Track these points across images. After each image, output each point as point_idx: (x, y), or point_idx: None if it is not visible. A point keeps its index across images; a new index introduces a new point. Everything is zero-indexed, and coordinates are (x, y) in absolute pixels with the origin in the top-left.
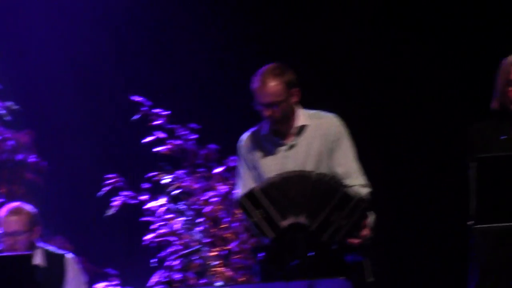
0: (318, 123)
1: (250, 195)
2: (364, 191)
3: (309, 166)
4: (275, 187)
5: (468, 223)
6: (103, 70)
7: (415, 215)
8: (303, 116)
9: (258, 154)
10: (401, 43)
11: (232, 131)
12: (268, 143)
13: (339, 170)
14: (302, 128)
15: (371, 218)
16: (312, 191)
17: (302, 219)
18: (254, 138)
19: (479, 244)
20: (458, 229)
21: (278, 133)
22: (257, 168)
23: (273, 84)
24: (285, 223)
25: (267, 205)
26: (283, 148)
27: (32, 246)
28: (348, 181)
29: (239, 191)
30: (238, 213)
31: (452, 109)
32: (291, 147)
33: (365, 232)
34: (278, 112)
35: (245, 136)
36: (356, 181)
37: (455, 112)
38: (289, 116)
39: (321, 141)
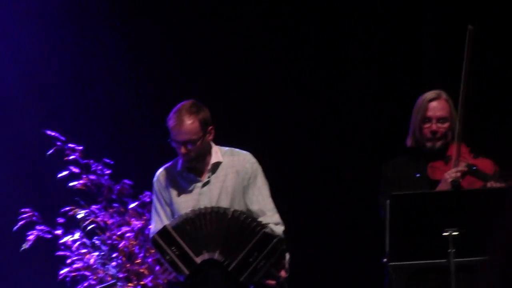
0: (232, 160)
1: (163, 232)
2: (279, 229)
3: (223, 203)
4: (189, 223)
5: (382, 260)
6: (17, 103)
7: (330, 253)
8: (217, 153)
9: (172, 191)
10: (310, 85)
11: (146, 166)
12: (183, 180)
13: (254, 207)
14: (216, 165)
15: (287, 258)
16: (228, 228)
17: (216, 256)
18: (169, 174)
19: (393, 281)
20: (374, 266)
21: (193, 170)
22: (172, 204)
23: (189, 123)
24: (199, 259)
25: (180, 242)
26: (198, 185)
27: None
28: (262, 219)
29: (154, 227)
30: (153, 249)
31: (366, 147)
32: (206, 184)
33: (283, 273)
34: (194, 150)
35: (160, 172)
36: (271, 219)
37: (370, 150)
38: (204, 154)
39: (235, 179)
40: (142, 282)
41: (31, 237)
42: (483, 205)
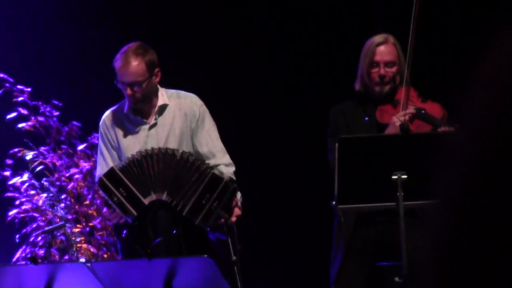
0: (179, 102)
1: (110, 174)
2: (229, 170)
3: (171, 145)
4: (136, 164)
5: (331, 203)
6: None
7: (279, 193)
8: (163, 96)
9: (119, 134)
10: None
11: (95, 108)
12: (129, 123)
13: (203, 149)
14: (163, 108)
15: (238, 197)
16: (176, 169)
17: (164, 197)
18: (115, 117)
19: (341, 223)
20: (322, 209)
21: (139, 112)
22: (119, 148)
23: (135, 64)
24: (147, 200)
25: (128, 183)
26: (145, 127)
27: None
28: (212, 161)
29: (100, 171)
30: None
31: (315, 90)
32: (153, 126)
33: (237, 212)
34: (140, 91)
35: (106, 115)
36: (221, 161)
37: (318, 93)
38: (151, 96)
39: (182, 121)
40: (90, 224)
41: None
42: (431, 149)
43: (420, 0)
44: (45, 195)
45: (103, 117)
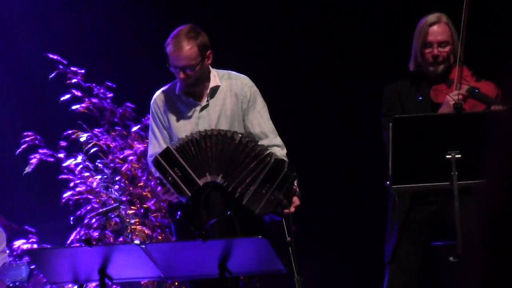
0: (230, 83)
1: (165, 153)
2: (283, 152)
3: (222, 127)
4: (194, 144)
5: (385, 183)
6: (18, 28)
7: (333, 173)
8: (215, 77)
9: (171, 115)
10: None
11: (149, 89)
12: (181, 104)
13: (255, 130)
14: (215, 89)
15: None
16: (234, 152)
17: (219, 179)
18: (167, 97)
19: (396, 203)
20: (377, 189)
21: (191, 94)
22: (170, 128)
23: (187, 48)
24: (201, 181)
25: (183, 163)
26: (196, 109)
27: None
28: (265, 141)
29: (151, 151)
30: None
31: (369, 69)
32: (204, 107)
33: (295, 201)
34: (192, 75)
35: (157, 95)
36: (273, 142)
37: (373, 73)
38: (203, 78)
39: (234, 102)
40: (145, 205)
41: (33, 161)
42: (485, 128)
43: None
44: (99, 177)
45: (154, 96)
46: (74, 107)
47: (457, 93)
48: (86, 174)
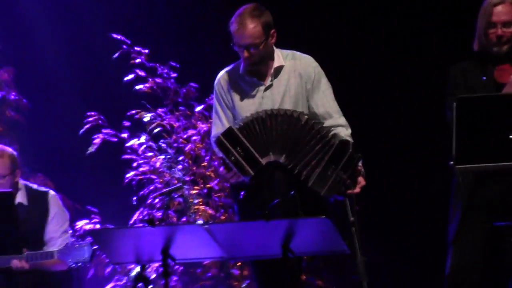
0: (294, 63)
1: (228, 133)
2: (347, 132)
3: (286, 107)
4: (260, 123)
5: (449, 163)
6: (83, 9)
7: (396, 153)
8: (279, 57)
9: (234, 94)
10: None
11: (212, 69)
12: (245, 84)
13: (320, 110)
14: (279, 69)
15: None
16: (299, 133)
17: (282, 159)
18: (231, 77)
19: (460, 183)
20: (441, 169)
21: (255, 73)
22: (234, 108)
23: (251, 26)
24: (264, 160)
25: (246, 143)
26: (261, 88)
27: (15, 187)
28: (330, 121)
29: (215, 131)
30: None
31: (433, 50)
32: (268, 87)
33: (361, 181)
34: (256, 53)
35: (221, 75)
36: (338, 121)
37: (437, 53)
38: (267, 58)
39: (298, 82)
40: (208, 185)
41: (97, 141)
42: None
43: None
44: (162, 157)
45: (218, 77)
46: (137, 87)
47: None
48: (150, 154)
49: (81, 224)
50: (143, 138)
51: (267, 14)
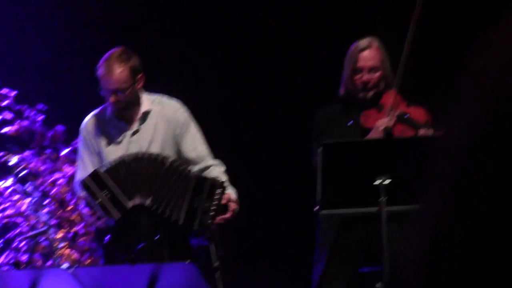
0: (162, 108)
1: (94, 175)
2: (221, 169)
3: (153, 152)
4: (126, 166)
5: (314, 208)
6: None
7: (262, 200)
8: (147, 102)
9: (101, 139)
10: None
11: (80, 112)
12: (112, 128)
13: (191, 155)
14: (146, 114)
15: (233, 192)
16: (164, 175)
17: (148, 201)
18: (98, 122)
19: (325, 229)
20: (306, 214)
21: (122, 118)
22: (100, 153)
23: (119, 71)
24: (130, 203)
25: (112, 185)
26: (127, 133)
27: None
28: (201, 165)
29: (80, 175)
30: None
31: (298, 95)
32: (135, 132)
33: (232, 206)
34: (123, 98)
35: (88, 119)
36: (209, 163)
37: (301, 98)
38: (134, 102)
39: (165, 128)
40: (73, 229)
41: None
42: (414, 153)
43: (420, 8)
44: (28, 200)
45: (85, 121)
46: (4, 130)
47: (388, 119)
48: (16, 197)
49: None
50: (9, 181)
51: (135, 58)
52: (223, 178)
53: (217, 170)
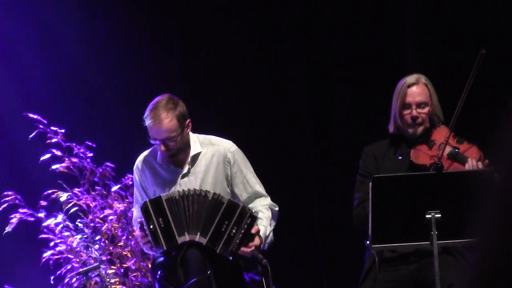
0: (212, 149)
1: (156, 201)
2: (265, 202)
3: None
4: (175, 203)
5: (365, 242)
6: None
7: (311, 232)
8: (196, 143)
9: (152, 180)
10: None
11: (129, 148)
12: (163, 170)
13: (244, 196)
14: (196, 156)
15: (267, 229)
16: (208, 210)
17: (197, 237)
18: (148, 162)
19: (375, 262)
20: (355, 246)
21: (173, 162)
22: (152, 195)
23: (167, 121)
24: (180, 240)
25: (169, 217)
26: (178, 176)
27: None
28: (257, 203)
29: (136, 214)
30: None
31: (348, 129)
32: (185, 175)
33: (256, 241)
34: (173, 146)
35: (139, 160)
36: (264, 202)
37: (353, 133)
38: (184, 147)
39: (216, 168)
40: (125, 265)
41: (14, 220)
42: (465, 187)
43: (476, 74)
44: (79, 236)
45: (137, 162)
46: (54, 167)
47: (438, 154)
48: (66, 233)
49: None
50: (60, 218)
51: (181, 105)
52: (264, 211)
53: (260, 203)
